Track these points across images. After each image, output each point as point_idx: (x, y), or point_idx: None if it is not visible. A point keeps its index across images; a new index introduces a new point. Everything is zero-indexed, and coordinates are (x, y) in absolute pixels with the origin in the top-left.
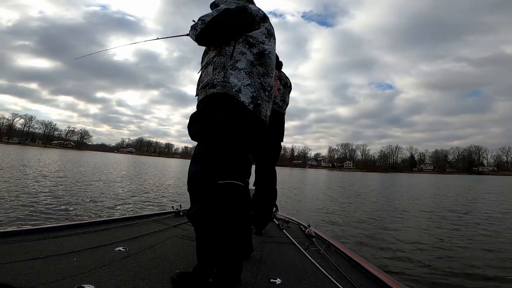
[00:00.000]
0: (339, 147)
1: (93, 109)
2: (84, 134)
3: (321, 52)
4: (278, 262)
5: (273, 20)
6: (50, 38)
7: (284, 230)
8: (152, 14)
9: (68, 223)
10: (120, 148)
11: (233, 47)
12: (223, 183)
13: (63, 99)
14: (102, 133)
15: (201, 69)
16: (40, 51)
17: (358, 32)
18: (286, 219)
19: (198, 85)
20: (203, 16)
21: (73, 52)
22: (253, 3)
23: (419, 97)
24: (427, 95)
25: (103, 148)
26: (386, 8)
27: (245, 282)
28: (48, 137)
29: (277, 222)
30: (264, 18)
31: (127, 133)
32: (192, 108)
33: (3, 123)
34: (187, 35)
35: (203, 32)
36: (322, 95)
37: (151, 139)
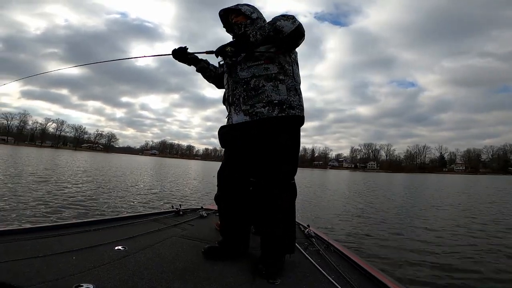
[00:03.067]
0: (362, 147)
1: (119, 113)
2: (111, 137)
3: (336, 52)
4: None
5: None
6: (76, 46)
7: None
8: (168, 20)
9: (67, 222)
10: (144, 150)
11: (292, 67)
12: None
13: (92, 104)
14: (128, 136)
15: (256, 79)
16: (68, 58)
17: (373, 30)
18: None
19: (257, 97)
20: (287, 14)
21: (98, 58)
22: None
23: (444, 95)
24: (453, 92)
25: (129, 150)
26: (400, 5)
27: (243, 282)
28: (78, 141)
29: None
30: None
31: (151, 136)
32: (212, 111)
33: (36, 127)
34: (214, 52)
35: (299, 29)
36: (340, 94)
37: (173, 141)
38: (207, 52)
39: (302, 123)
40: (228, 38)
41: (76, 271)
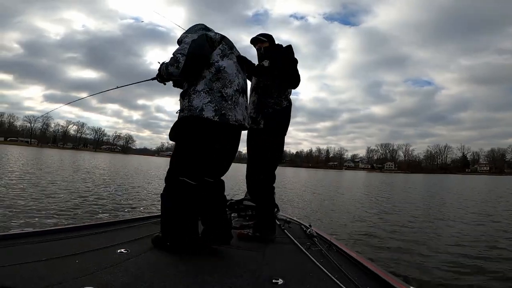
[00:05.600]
0: (379, 147)
1: (136, 115)
2: (129, 139)
3: (348, 52)
4: (280, 262)
5: (295, 23)
6: (94, 50)
7: (285, 230)
8: (181, 24)
9: (70, 225)
10: (160, 151)
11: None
12: (181, 180)
13: (110, 107)
14: (144, 137)
15: (180, 96)
16: (87, 62)
17: (384, 29)
18: (287, 219)
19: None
20: (178, 50)
21: (114, 63)
22: (210, 30)
23: (463, 93)
24: (472, 90)
25: (145, 152)
26: (410, 4)
27: (247, 283)
28: (98, 142)
29: (278, 223)
30: (221, 40)
31: (166, 137)
32: None
33: (58, 129)
34: (155, 79)
35: (187, 62)
36: (353, 94)
37: None
38: (152, 79)
39: (198, 121)
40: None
41: (79, 274)
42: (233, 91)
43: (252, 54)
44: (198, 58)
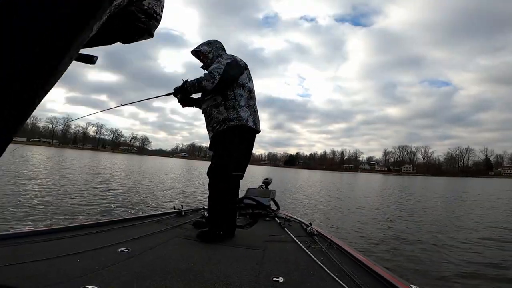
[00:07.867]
0: (396, 149)
1: (152, 117)
2: (145, 140)
3: (361, 53)
4: (280, 261)
5: (305, 25)
6: (111, 53)
7: (286, 229)
8: (193, 27)
9: (71, 224)
10: (175, 153)
11: (233, 92)
12: (235, 174)
13: (127, 109)
14: (159, 139)
15: (209, 108)
16: (106, 65)
17: (397, 30)
18: (288, 217)
19: (212, 120)
20: (215, 69)
21: (131, 66)
22: (225, 50)
23: (483, 93)
24: (493, 90)
25: (160, 153)
26: (421, 4)
27: (247, 281)
28: (115, 143)
29: (278, 221)
30: (246, 66)
31: (181, 139)
32: None
33: (79, 131)
34: (171, 94)
35: (222, 80)
36: (367, 95)
37: (202, 144)
38: (167, 94)
39: (245, 129)
40: None
41: (80, 273)
42: (256, 106)
43: (261, 57)
44: (229, 79)
